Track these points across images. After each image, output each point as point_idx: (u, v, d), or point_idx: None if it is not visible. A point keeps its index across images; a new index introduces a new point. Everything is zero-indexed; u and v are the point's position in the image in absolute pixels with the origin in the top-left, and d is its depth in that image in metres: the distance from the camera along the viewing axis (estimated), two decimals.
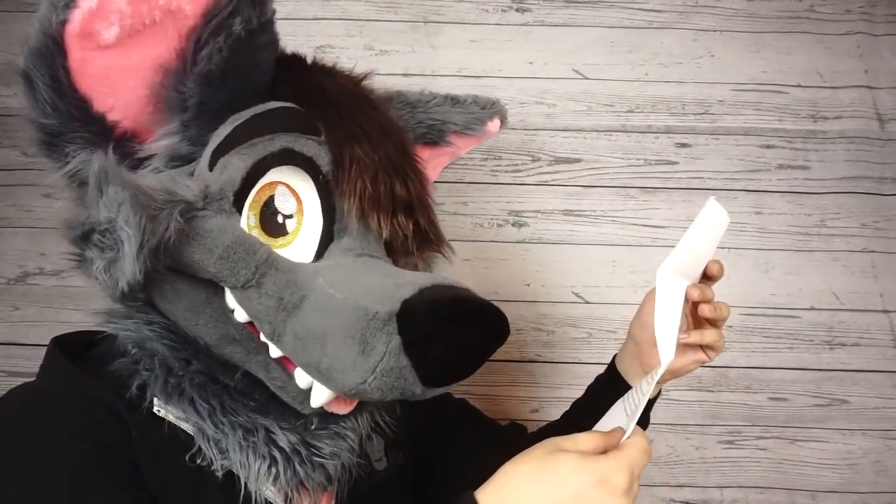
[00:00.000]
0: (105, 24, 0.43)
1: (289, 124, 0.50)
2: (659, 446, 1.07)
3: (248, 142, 0.49)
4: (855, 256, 1.09)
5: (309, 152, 0.50)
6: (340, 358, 0.45)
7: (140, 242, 0.44)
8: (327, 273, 0.49)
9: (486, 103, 0.72)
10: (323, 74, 0.56)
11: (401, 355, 0.44)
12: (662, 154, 1.11)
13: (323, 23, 1.11)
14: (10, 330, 1.06)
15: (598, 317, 1.08)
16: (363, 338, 0.44)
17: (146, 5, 0.44)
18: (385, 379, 0.45)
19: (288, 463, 0.51)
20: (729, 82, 1.12)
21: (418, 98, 0.69)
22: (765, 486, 1.06)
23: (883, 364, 1.08)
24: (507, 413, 1.08)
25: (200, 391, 0.51)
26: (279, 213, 0.51)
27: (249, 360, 0.51)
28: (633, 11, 1.13)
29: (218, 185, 0.48)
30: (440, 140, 0.70)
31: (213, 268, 0.47)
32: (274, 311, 0.47)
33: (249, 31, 0.47)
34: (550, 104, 1.12)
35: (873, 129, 1.12)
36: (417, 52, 1.12)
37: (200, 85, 0.47)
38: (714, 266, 0.63)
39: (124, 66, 0.46)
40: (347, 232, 0.52)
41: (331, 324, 0.46)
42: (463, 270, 1.08)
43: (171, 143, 0.49)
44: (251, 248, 0.47)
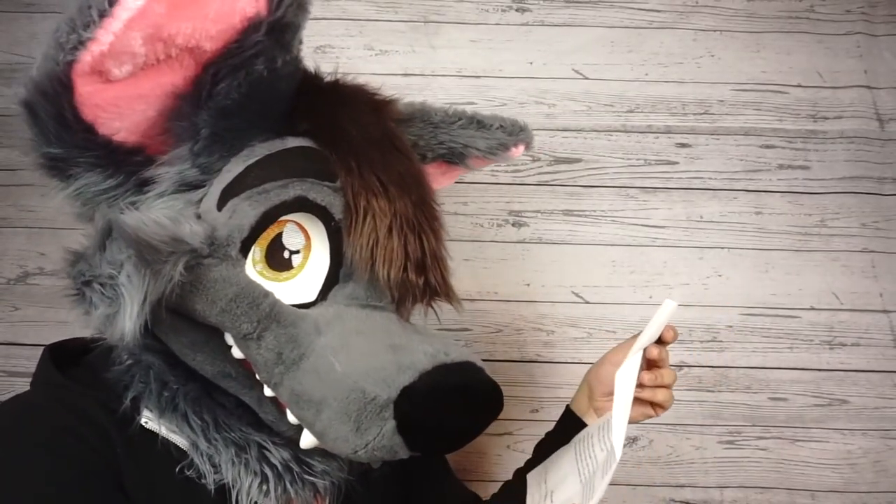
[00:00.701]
0: (117, 64, 0.40)
1: (304, 170, 0.48)
2: (659, 446, 1.07)
3: (261, 186, 0.47)
4: (855, 256, 1.09)
5: (323, 201, 0.49)
6: (333, 429, 0.45)
7: (141, 301, 0.43)
8: (329, 332, 0.47)
9: (514, 129, 0.70)
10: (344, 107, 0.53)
11: (395, 436, 0.44)
12: (662, 154, 1.11)
13: (323, 23, 1.11)
14: (10, 330, 1.06)
15: (598, 317, 1.08)
16: (358, 418, 0.44)
17: (162, 45, 0.41)
18: (376, 453, 0.45)
19: (279, 480, 0.51)
20: (729, 82, 1.12)
21: (442, 118, 0.66)
22: (765, 486, 1.06)
23: (883, 364, 1.08)
24: (507, 413, 1.08)
25: (195, 406, 0.51)
26: (286, 249, 0.49)
27: (243, 393, 0.51)
28: (633, 11, 1.13)
29: (226, 230, 0.46)
30: (460, 162, 0.68)
31: (215, 319, 0.46)
32: (272, 364, 0.47)
33: (273, 70, 0.45)
34: (550, 104, 1.12)
35: (873, 129, 1.12)
36: (417, 52, 1.12)
37: (214, 117, 0.46)
38: (669, 333, 0.65)
39: (134, 94, 0.44)
40: (354, 279, 0.51)
41: (327, 395, 0.45)
42: (463, 270, 1.09)
43: (180, 170, 0.47)
44: (255, 301, 0.46)
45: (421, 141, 0.65)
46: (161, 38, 0.40)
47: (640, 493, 1.07)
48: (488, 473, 1.07)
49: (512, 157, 0.71)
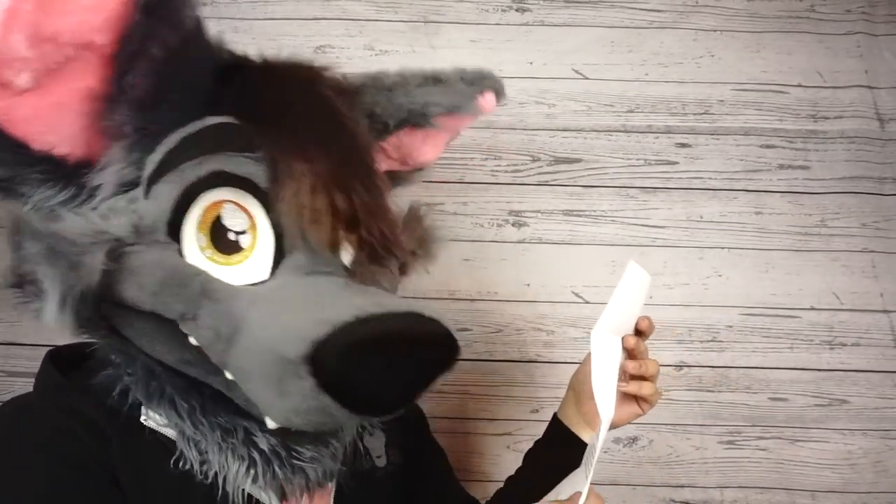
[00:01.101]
0: (13, 72, 0.40)
1: (219, 144, 0.48)
2: (659, 446, 1.07)
3: (178, 167, 0.46)
4: (855, 256, 1.09)
5: (242, 171, 0.47)
6: (263, 397, 0.44)
7: (62, 293, 0.43)
8: (263, 302, 0.46)
9: (475, 78, 0.66)
10: (269, 79, 0.53)
11: (320, 395, 0.42)
12: (662, 154, 1.11)
13: (323, 23, 1.11)
14: (10, 330, 1.06)
15: (597, 316, 1.08)
16: (278, 380, 0.43)
17: (51, 45, 0.40)
18: (309, 416, 0.43)
19: (267, 465, 0.50)
20: (729, 82, 1.12)
21: (396, 80, 0.64)
22: (765, 487, 1.06)
23: (883, 364, 1.07)
24: (507, 413, 1.08)
25: (181, 392, 0.50)
26: (230, 231, 0.48)
27: (210, 380, 0.50)
28: (634, 11, 1.13)
29: (150, 216, 0.46)
30: (425, 123, 0.64)
31: (149, 304, 0.46)
32: (213, 341, 0.46)
33: (171, 51, 0.44)
34: (550, 104, 1.12)
35: (873, 129, 1.12)
36: (417, 52, 1.12)
37: (133, 111, 0.45)
38: (644, 322, 0.64)
39: (53, 103, 0.43)
40: (296, 247, 0.49)
41: (253, 363, 0.44)
42: (463, 270, 1.09)
43: (117, 170, 0.47)
44: (183, 281, 0.45)
45: (377, 108, 0.62)
46: (45, 37, 0.40)
47: (640, 493, 1.07)
48: (487, 474, 1.07)
49: (484, 110, 0.67)
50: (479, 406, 1.08)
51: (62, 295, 0.43)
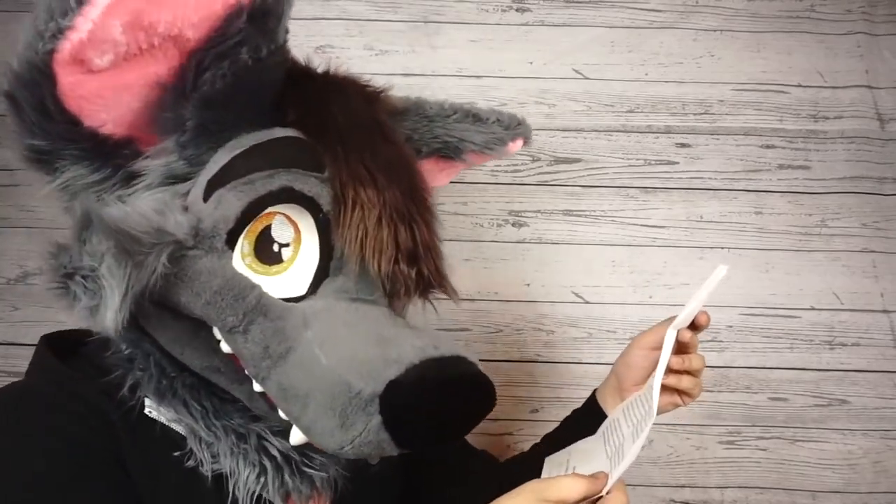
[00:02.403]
0: (98, 53, 0.39)
1: (290, 160, 0.47)
2: (659, 446, 1.07)
3: (246, 177, 0.46)
4: (855, 256, 1.09)
5: (310, 192, 0.47)
6: (319, 423, 0.44)
7: (123, 293, 0.42)
8: (317, 324, 0.46)
9: (511, 123, 0.68)
10: (333, 94, 0.52)
11: (381, 432, 0.43)
12: (662, 154, 1.11)
13: (323, 23, 1.11)
14: (10, 330, 1.06)
15: (597, 317, 1.08)
16: (343, 412, 0.43)
17: (143, 33, 0.40)
18: (363, 448, 0.44)
19: (277, 472, 0.51)
20: (729, 82, 1.12)
21: (437, 111, 0.64)
22: (765, 487, 1.06)
23: (883, 364, 1.07)
24: (507, 413, 1.08)
25: (193, 393, 0.50)
26: (275, 242, 0.48)
27: (234, 388, 0.51)
28: (634, 11, 1.13)
29: (211, 221, 0.46)
30: (456, 157, 0.66)
31: (200, 311, 0.45)
32: (259, 357, 0.46)
33: (258, 59, 0.44)
34: (550, 104, 1.12)
35: (874, 129, 1.11)
36: (417, 52, 1.12)
37: (200, 108, 0.45)
38: (703, 317, 0.64)
39: (120, 84, 0.43)
40: (344, 272, 0.49)
41: (313, 388, 0.44)
42: (463, 270, 1.09)
43: (167, 162, 0.47)
44: (241, 293, 0.45)
45: (415, 135, 0.63)
46: (142, 26, 0.39)
47: (640, 493, 1.07)
48: None
49: (510, 153, 0.69)
50: None
51: (123, 295, 0.43)
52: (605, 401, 0.70)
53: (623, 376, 0.67)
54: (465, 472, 0.73)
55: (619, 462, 0.52)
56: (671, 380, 0.63)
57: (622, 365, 0.68)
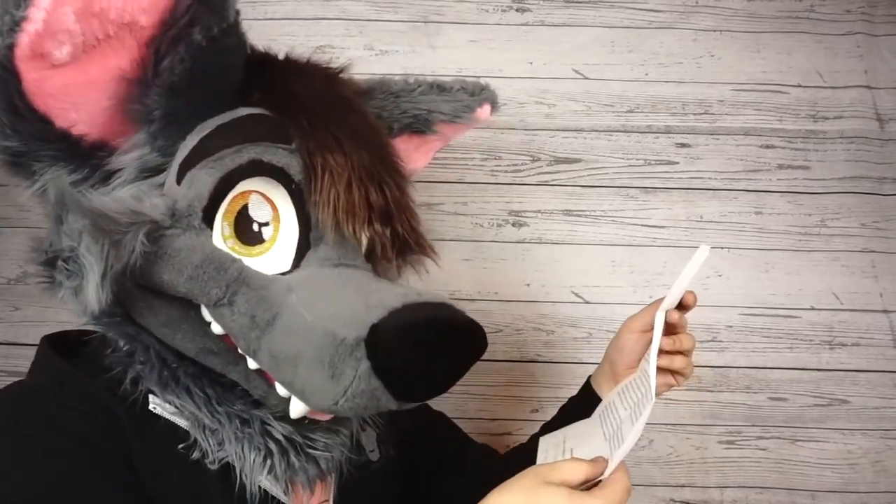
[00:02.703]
0: (55, 44, 0.41)
1: (257, 134, 0.49)
2: (659, 446, 1.07)
3: (216, 154, 0.47)
4: (855, 256, 1.09)
5: (279, 162, 0.49)
6: (311, 380, 0.45)
7: (103, 270, 0.43)
8: (300, 289, 0.47)
9: (475, 89, 0.69)
10: (295, 75, 0.54)
11: (371, 378, 0.43)
12: (662, 154, 1.11)
13: (323, 23, 1.11)
14: (10, 330, 1.06)
15: (598, 317, 1.08)
16: (332, 363, 0.43)
17: (97, 21, 0.41)
18: (357, 400, 0.44)
19: (283, 455, 0.51)
20: (729, 82, 1.12)
21: (402, 87, 0.66)
22: (765, 487, 1.06)
23: (883, 364, 1.08)
24: (507, 413, 1.08)
25: (195, 381, 0.51)
26: (254, 222, 0.49)
27: (229, 370, 0.51)
28: (633, 11, 1.13)
29: (186, 200, 0.47)
30: (427, 129, 0.67)
31: (184, 287, 0.46)
32: (247, 328, 0.46)
33: (211, 39, 0.44)
34: (550, 104, 1.12)
35: (873, 129, 1.12)
36: (417, 52, 1.12)
37: (165, 96, 0.46)
38: (689, 297, 0.64)
39: (83, 81, 0.44)
40: (324, 241, 0.50)
41: (301, 346, 0.45)
42: (463, 270, 1.09)
43: (140, 155, 0.48)
44: (221, 265, 0.46)
45: (384, 112, 0.65)
46: (93, 12, 0.40)
47: (640, 493, 1.07)
48: None
49: (479, 120, 0.70)
50: (479, 406, 1.08)
51: (102, 272, 0.43)
52: (599, 387, 0.70)
53: (616, 361, 0.68)
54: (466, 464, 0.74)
55: (619, 445, 0.52)
56: (663, 360, 0.63)
57: (614, 350, 0.68)
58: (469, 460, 0.75)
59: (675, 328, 0.64)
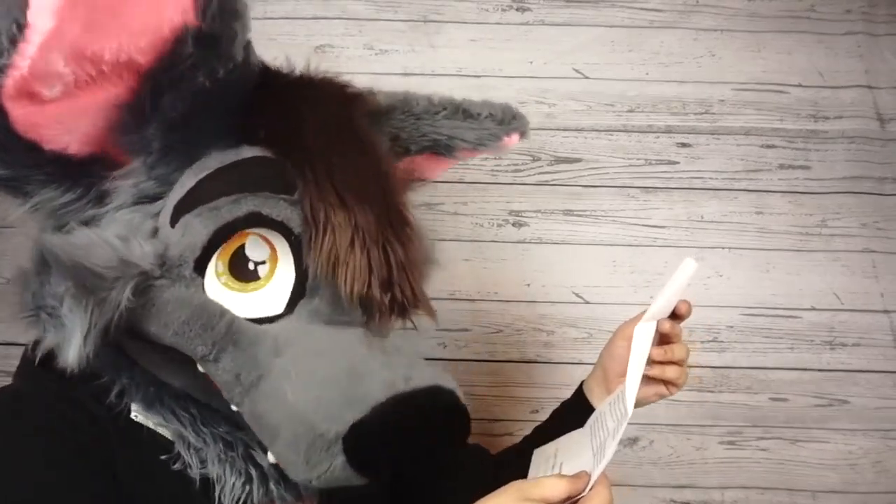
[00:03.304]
0: (45, 86, 0.38)
1: (257, 183, 0.46)
2: (659, 447, 1.07)
3: (213, 203, 0.45)
4: (855, 256, 1.09)
5: (279, 216, 0.46)
6: (286, 457, 0.44)
7: (86, 330, 0.42)
8: (288, 353, 0.45)
9: (506, 117, 0.64)
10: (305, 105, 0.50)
11: (346, 469, 0.43)
12: (663, 154, 1.11)
13: (323, 22, 1.11)
14: (11, 330, 1.06)
15: (597, 317, 1.08)
16: (307, 452, 0.42)
17: (89, 63, 0.39)
18: (329, 483, 0.44)
19: (262, 481, 0.51)
20: (730, 82, 1.12)
21: (426, 108, 0.62)
22: (766, 487, 1.06)
23: (883, 364, 1.07)
24: (507, 413, 1.08)
25: (180, 402, 0.50)
26: (250, 261, 0.47)
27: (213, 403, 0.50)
28: (634, 11, 1.13)
29: (178, 249, 0.45)
30: (448, 154, 0.64)
31: (169, 341, 0.45)
32: (232, 385, 0.46)
33: (215, 80, 0.42)
34: (551, 104, 1.11)
35: (874, 129, 1.11)
36: (417, 51, 1.12)
37: (164, 131, 0.44)
38: (683, 306, 0.63)
39: (75, 109, 0.42)
40: (319, 294, 0.48)
41: (279, 424, 0.44)
42: (463, 270, 1.08)
43: (137, 182, 0.46)
44: (209, 322, 0.44)
45: (403, 133, 0.61)
46: (85, 56, 0.38)
47: (641, 493, 1.07)
48: None
49: (505, 148, 0.66)
50: (479, 406, 1.08)
51: (85, 332, 0.42)
52: (591, 392, 0.70)
53: (608, 368, 0.67)
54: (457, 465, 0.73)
55: (600, 460, 0.52)
56: (655, 370, 0.63)
57: (607, 356, 0.68)
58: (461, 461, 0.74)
59: (668, 338, 0.64)
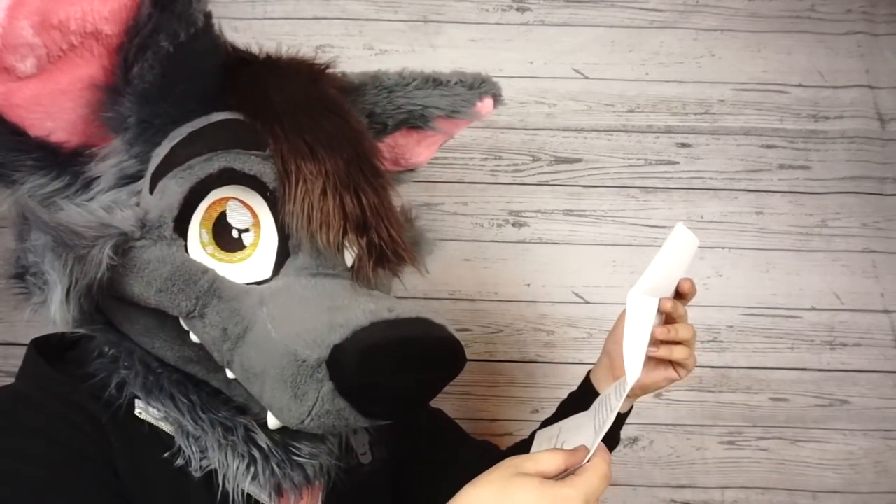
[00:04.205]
0: (18, 58, 0.40)
1: (228, 140, 0.47)
2: (659, 447, 1.07)
3: (186, 163, 0.46)
4: (856, 256, 1.09)
5: (252, 170, 0.47)
6: (276, 399, 0.44)
7: (67, 286, 0.43)
8: (272, 302, 0.46)
9: (474, 82, 0.65)
10: (274, 76, 0.53)
11: (336, 399, 0.42)
12: (663, 154, 1.11)
13: (323, 22, 1.11)
14: (10, 330, 1.06)
15: (597, 317, 1.08)
16: (294, 383, 0.43)
17: (58, 33, 0.41)
18: (323, 420, 0.43)
19: (266, 462, 0.50)
20: (730, 82, 1.12)
21: (397, 81, 0.64)
22: (766, 487, 1.06)
23: (884, 364, 1.07)
24: (507, 413, 1.08)
25: (180, 387, 0.50)
26: (233, 228, 0.48)
27: (210, 377, 0.51)
28: (634, 11, 1.13)
29: (157, 211, 0.46)
30: (424, 125, 0.65)
31: (154, 300, 0.46)
32: (220, 340, 0.46)
33: (179, 45, 0.44)
34: (551, 104, 1.11)
35: (874, 128, 1.11)
36: (417, 51, 1.12)
37: (138, 104, 0.45)
38: (685, 283, 0.62)
39: (54, 90, 0.44)
40: (302, 249, 0.49)
41: (266, 364, 0.44)
42: (463, 270, 1.08)
43: (118, 162, 0.47)
44: (192, 278, 0.46)
45: (377, 108, 0.63)
46: (52, 24, 0.40)
47: (641, 493, 1.07)
48: None
49: (481, 114, 0.67)
50: (479, 406, 1.08)
51: (67, 288, 0.43)
52: (598, 381, 0.70)
53: (613, 353, 0.67)
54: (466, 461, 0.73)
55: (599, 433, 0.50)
56: (662, 351, 0.61)
57: (611, 342, 0.67)
58: (469, 457, 0.74)
59: (672, 318, 0.62)
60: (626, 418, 0.71)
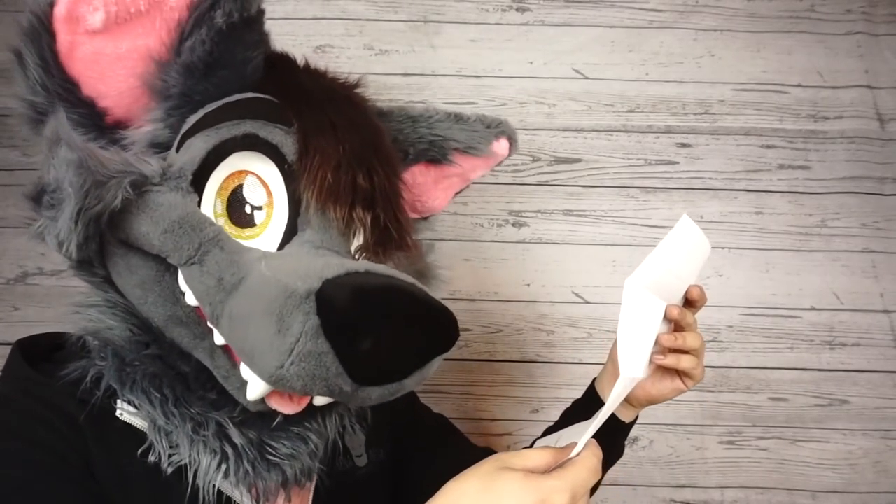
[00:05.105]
0: (90, 9, 0.44)
1: (258, 112, 0.50)
2: (659, 446, 1.07)
3: (215, 125, 0.49)
4: (855, 256, 1.09)
5: (274, 140, 0.50)
6: (260, 338, 0.43)
7: (80, 205, 0.44)
8: (272, 258, 0.48)
9: (492, 122, 0.69)
10: (308, 75, 0.56)
11: (319, 339, 0.41)
12: (663, 154, 1.11)
13: (323, 22, 1.11)
14: (10, 330, 1.06)
15: (597, 317, 1.08)
16: (280, 315, 0.42)
17: None
18: (304, 364, 0.42)
19: (239, 459, 0.50)
20: (729, 82, 1.12)
21: (420, 113, 0.67)
22: (765, 487, 1.06)
23: (883, 364, 1.07)
24: (507, 413, 1.08)
25: (154, 381, 0.50)
26: (247, 203, 0.50)
27: (196, 345, 0.50)
28: (634, 11, 1.13)
29: (179, 163, 0.48)
30: (443, 158, 0.68)
31: (158, 241, 0.47)
32: (214, 290, 0.46)
33: (231, 25, 0.47)
34: (550, 104, 1.12)
35: (874, 128, 1.11)
36: (417, 51, 1.12)
37: (183, 75, 0.48)
38: (695, 290, 0.61)
39: (113, 53, 0.47)
40: (310, 225, 0.51)
41: (256, 303, 0.44)
42: (463, 270, 1.08)
43: (153, 129, 0.49)
44: (198, 225, 0.47)
45: (401, 135, 0.66)
46: None
47: (641, 493, 1.07)
48: None
49: (497, 155, 0.70)
50: (479, 406, 1.08)
51: (80, 207, 0.44)
52: (602, 389, 0.70)
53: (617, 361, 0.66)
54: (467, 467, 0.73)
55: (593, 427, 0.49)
56: (669, 360, 0.60)
57: (615, 349, 0.67)
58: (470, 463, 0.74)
59: (679, 325, 0.61)
60: (629, 429, 0.71)
